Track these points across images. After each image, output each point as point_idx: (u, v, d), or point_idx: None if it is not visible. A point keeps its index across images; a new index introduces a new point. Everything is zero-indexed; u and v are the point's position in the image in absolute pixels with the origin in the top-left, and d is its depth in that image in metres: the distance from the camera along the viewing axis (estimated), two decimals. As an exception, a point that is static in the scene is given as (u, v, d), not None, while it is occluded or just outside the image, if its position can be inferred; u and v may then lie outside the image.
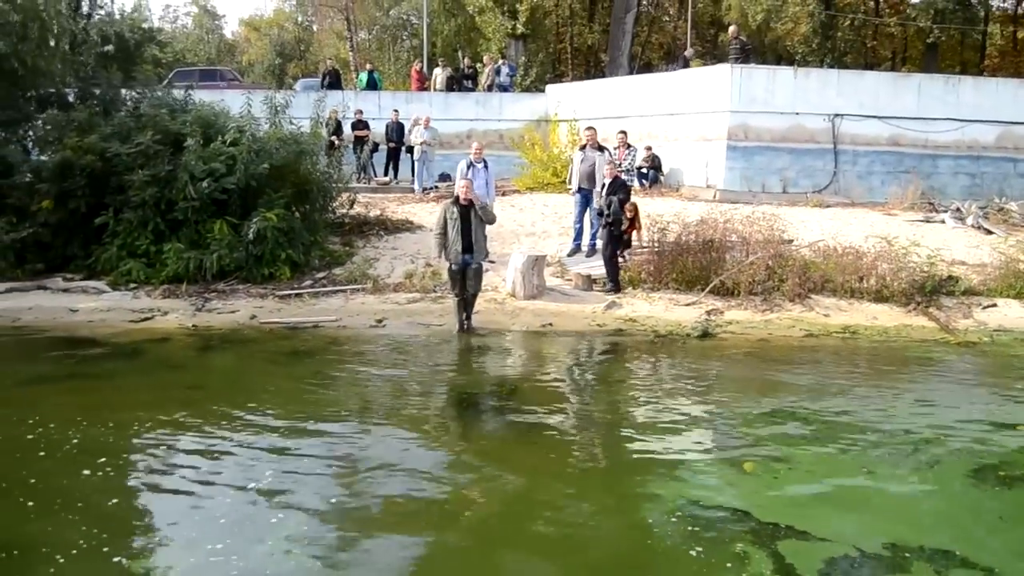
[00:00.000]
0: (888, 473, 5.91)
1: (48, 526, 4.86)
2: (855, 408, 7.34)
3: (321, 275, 11.81)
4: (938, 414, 7.29)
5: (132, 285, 11.39)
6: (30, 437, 6.32)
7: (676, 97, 17.80)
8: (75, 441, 6.26)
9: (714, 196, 15.90)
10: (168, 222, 11.66)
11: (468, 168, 11.78)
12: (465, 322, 9.79)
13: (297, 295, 11.06)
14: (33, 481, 5.47)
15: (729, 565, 4.45)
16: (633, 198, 11.80)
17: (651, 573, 4.54)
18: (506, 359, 9.30)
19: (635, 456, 6.34)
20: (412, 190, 17.81)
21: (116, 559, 4.48)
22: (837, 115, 16.65)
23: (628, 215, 11.06)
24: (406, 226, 14.04)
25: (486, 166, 12.30)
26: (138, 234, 11.65)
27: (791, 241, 12.20)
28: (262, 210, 11.62)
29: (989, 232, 14.31)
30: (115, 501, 5.24)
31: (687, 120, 17.30)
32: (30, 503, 5.14)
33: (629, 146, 15.55)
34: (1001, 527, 5.10)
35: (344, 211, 13.90)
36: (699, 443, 6.49)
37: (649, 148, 17.38)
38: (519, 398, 7.61)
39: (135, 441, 6.27)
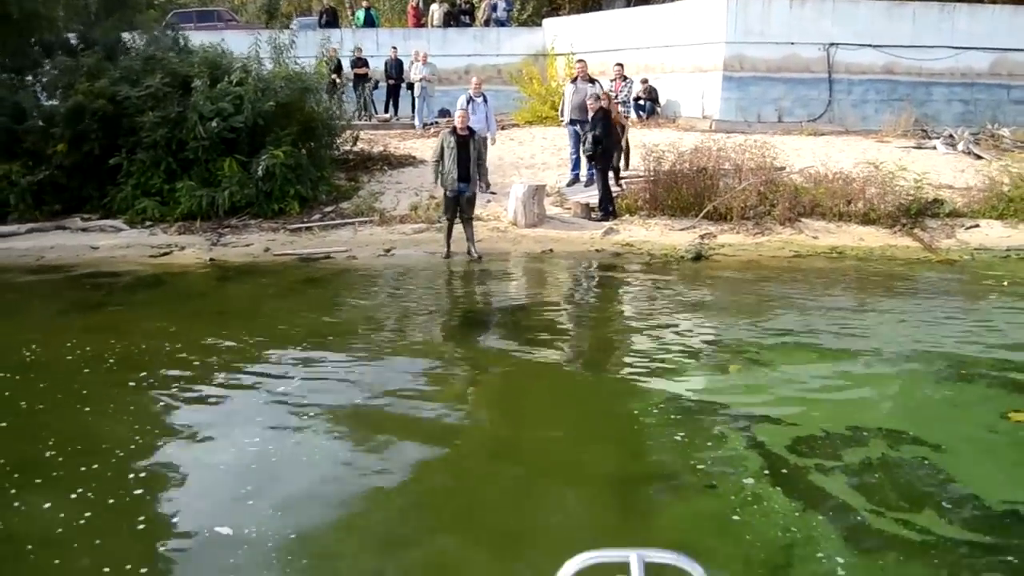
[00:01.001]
0: (860, 374, 6.54)
1: (105, 426, 5.52)
2: (836, 319, 7.96)
3: (329, 209, 12.37)
4: (912, 324, 7.90)
5: (148, 223, 11.97)
6: (69, 358, 6.95)
7: (672, 29, 18.08)
8: (112, 360, 6.89)
9: (710, 126, 16.33)
10: (180, 161, 12.18)
11: (468, 103, 12.25)
12: (467, 248, 10.38)
13: (307, 228, 11.65)
14: (85, 392, 6.12)
15: (708, 444, 5.12)
16: (629, 129, 12.31)
17: (639, 454, 5.19)
18: (510, 280, 9.94)
19: (628, 361, 7.01)
20: (413, 126, 18.22)
21: (168, 451, 5.13)
22: (832, 44, 16.97)
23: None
24: (409, 161, 14.54)
25: (485, 100, 12.75)
26: (151, 174, 12.18)
27: (783, 168, 12.71)
28: (270, 147, 12.13)
29: (979, 157, 14.76)
30: (161, 405, 5.89)
31: (683, 52, 17.63)
32: (86, 408, 5.80)
33: (625, 78, 15.94)
34: (953, 415, 5.75)
35: (348, 148, 14.39)
36: (688, 350, 7.12)
37: (645, 80, 17.74)
38: (522, 313, 8.27)
39: (170, 357, 6.90)
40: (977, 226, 11.51)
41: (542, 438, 5.35)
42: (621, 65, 15.86)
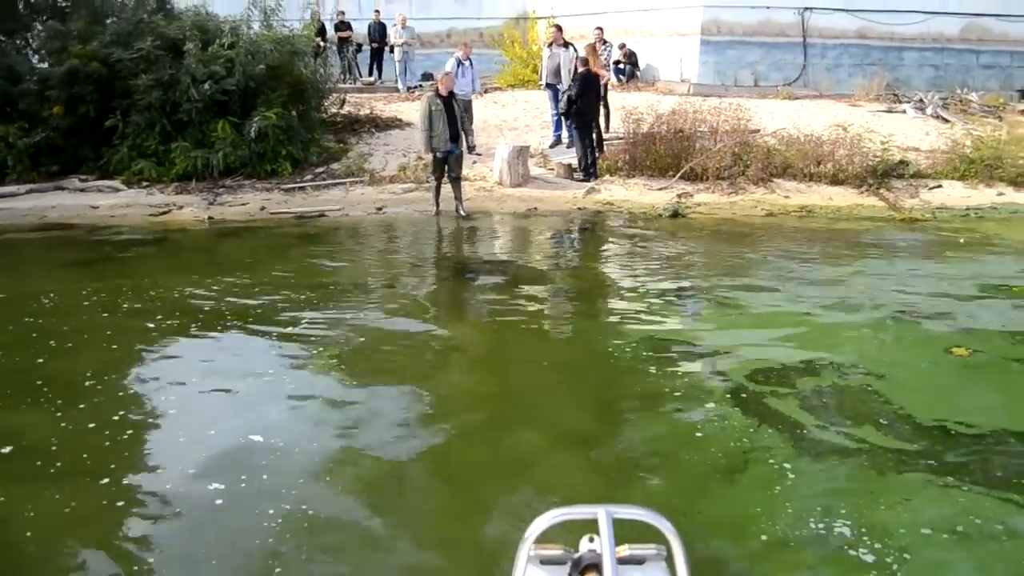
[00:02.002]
0: (819, 318, 7.22)
1: (133, 359, 6.11)
2: (802, 271, 8.65)
3: (320, 170, 12.91)
4: (871, 275, 8.59)
5: (145, 183, 12.45)
6: (86, 304, 7.51)
7: (652, -7, 18.61)
8: (126, 306, 7.44)
9: (688, 90, 16.93)
10: (174, 123, 12.64)
11: (458, 66, 12.75)
12: (455, 206, 10.98)
13: (300, 188, 12.19)
14: (109, 333, 6.69)
15: (677, 375, 5.80)
16: (610, 92, 12.89)
17: (615, 382, 5.86)
18: (496, 236, 10.58)
19: (606, 306, 7.70)
20: (397, 90, 18.66)
21: (193, 383, 5.73)
22: (807, 8, 17.58)
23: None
24: (395, 123, 15.05)
25: (471, 64, 13.27)
26: (146, 135, 12.65)
27: (758, 131, 13.36)
28: (261, 110, 12.62)
29: (946, 121, 15.47)
30: (181, 342, 6.49)
31: (662, 16, 18.17)
32: (113, 346, 6.39)
33: (605, 42, 16.46)
34: (900, 351, 6.43)
35: (336, 110, 14.88)
36: (663, 297, 7.77)
37: (623, 45, 18.27)
38: (507, 266, 8.91)
39: (179, 304, 7.46)
40: (940, 187, 12.23)
41: (525, 370, 6.00)
42: (601, 29, 16.36)
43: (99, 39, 12.81)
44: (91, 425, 4.99)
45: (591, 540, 1.02)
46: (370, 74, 19.90)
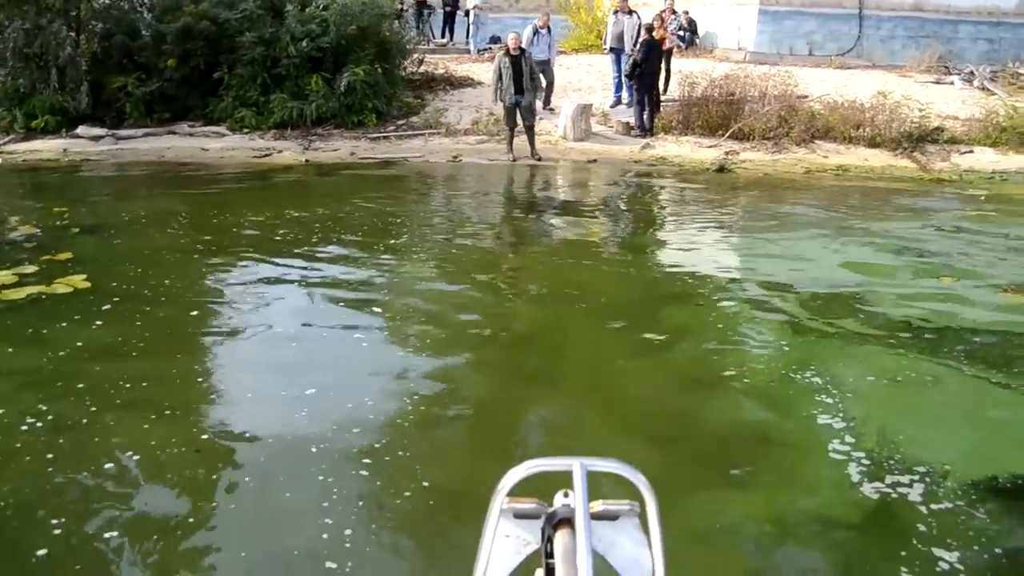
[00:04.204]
0: (836, 250, 8.75)
1: (264, 259, 7.93)
2: (831, 216, 10.16)
3: (401, 122, 14.67)
4: (887, 218, 10.07)
5: (245, 130, 14.35)
6: (215, 222, 9.37)
7: (714, -37, 19.90)
8: (246, 223, 9.30)
9: (744, 58, 18.24)
10: (273, 77, 14.49)
11: (534, 34, 14.37)
12: (530, 151, 12.68)
13: (384, 138, 13.98)
14: (244, 242, 8.53)
15: (705, 284, 7.42)
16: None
17: (655, 288, 7.51)
18: (559, 181, 12.30)
19: (653, 238, 9.32)
20: (467, 51, 20.30)
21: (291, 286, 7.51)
22: (864, -19, 18.72)
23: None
24: (467, 82, 16.71)
25: (549, 31, 14.87)
26: (248, 87, 14.51)
27: (805, 96, 14.73)
28: (351, 66, 14.40)
29: (993, 93, 16.61)
30: (303, 249, 8.28)
31: (723, -15, 19.48)
32: (250, 250, 8.21)
33: (675, 12, 17.93)
34: (895, 276, 7.93)
35: (414, 69, 16.60)
36: (703, 233, 9.37)
37: (686, 12, 19.62)
38: (569, 204, 10.62)
39: (297, 221, 9.27)
40: (971, 152, 13.53)
41: (580, 285, 7.67)
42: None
43: (209, 0, 14.67)
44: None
45: (565, 495, 0.99)
46: (443, 36, 21.56)
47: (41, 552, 3.50)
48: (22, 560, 3.47)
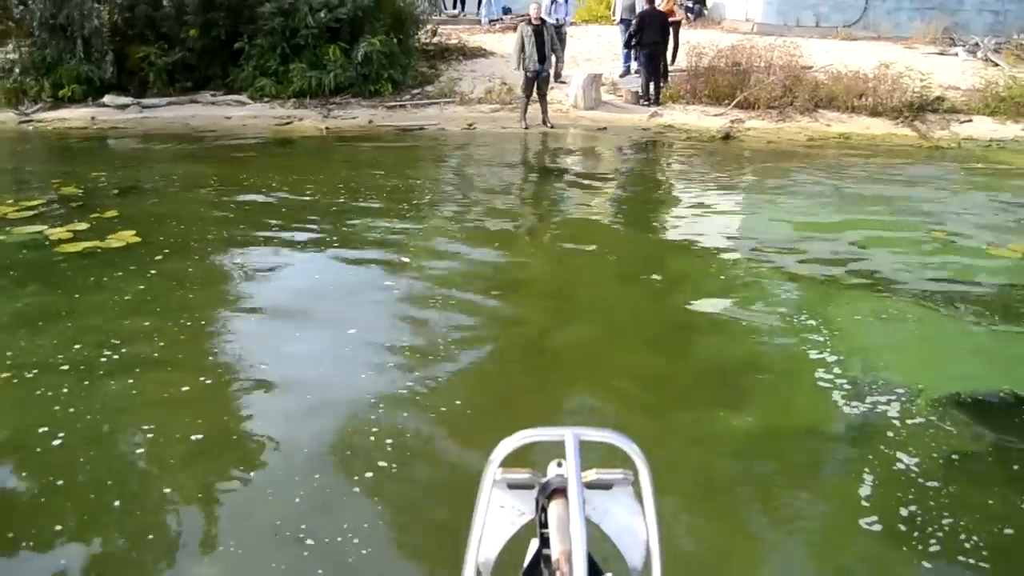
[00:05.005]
0: (834, 209, 9.35)
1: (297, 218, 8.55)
2: (829, 180, 10.74)
3: (416, 91, 15.24)
4: (884, 182, 10.65)
5: (266, 99, 14.92)
6: (245, 184, 9.97)
7: (723, -65, 20.32)
8: (274, 186, 9.90)
9: (752, 29, 18.71)
10: (292, 47, 15.04)
11: (552, 2, 14.90)
12: (542, 119, 13.29)
13: (401, 106, 14.56)
14: (273, 204, 9.15)
15: (716, 246, 8.04)
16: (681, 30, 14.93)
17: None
18: (571, 147, 12.89)
19: (662, 199, 9.93)
20: (479, 22, 20.80)
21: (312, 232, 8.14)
22: (870, -47, 19.13)
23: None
24: (480, 53, 17.25)
25: (566, 0, 15.42)
26: (268, 57, 15.07)
27: (810, 67, 15.24)
28: (367, 36, 14.94)
29: (996, 64, 17.08)
30: (333, 207, 8.91)
31: (732, -43, 19.91)
32: (283, 209, 8.84)
33: (684, -17, 18.46)
34: (888, 233, 8.54)
35: (428, 39, 17.13)
36: (707, 195, 9.96)
37: (695, -17, 20.11)
38: (580, 169, 11.20)
39: (325, 181, 9.88)
40: (970, 121, 14.06)
41: (591, 239, 8.29)
42: (678, -30, 18.28)
43: (229, -30, 15.22)
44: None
45: (559, 465, 0.97)
46: (454, 7, 22.06)
47: (140, 451, 4.16)
48: (120, 456, 4.14)
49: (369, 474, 3.94)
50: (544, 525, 0.97)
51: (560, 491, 0.97)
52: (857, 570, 3.57)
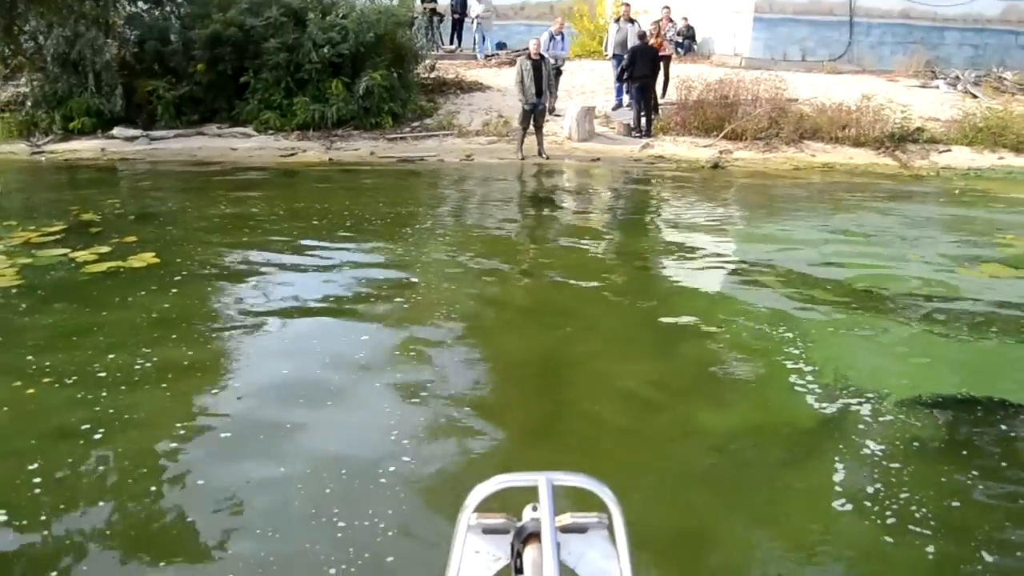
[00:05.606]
0: (808, 234, 9.87)
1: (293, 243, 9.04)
2: (815, 206, 11.29)
3: (416, 124, 15.82)
4: (865, 209, 11.18)
5: (270, 131, 15.49)
6: (254, 211, 10.49)
7: (711, -27, 21.10)
8: (281, 213, 10.42)
9: (740, 63, 19.41)
10: (296, 81, 15.64)
11: (550, 39, 15.55)
12: (538, 151, 13.84)
13: (401, 138, 15.12)
14: (284, 227, 9.65)
15: (704, 259, 8.54)
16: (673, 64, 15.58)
17: (643, 276, 8.63)
18: (566, 177, 13.43)
19: (654, 223, 10.45)
20: (475, 57, 21.47)
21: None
22: (854, -11, 19.89)
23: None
24: (477, 86, 17.87)
25: (563, 37, 16.09)
26: (273, 90, 15.66)
27: (796, 99, 15.88)
28: (369, 71, 15.55)
29: (975, 97, 17.75)
30: (339, 233, 9.41)
31: (720, -6, 20.67)
32: (285, 236, 9.33)
33: (672, 21, 19.12)
34: (862, 252, 9.05)
35: (427, 74, 17.75)
36: (696, 220, 10.49)
37: (685, 19, 20.80)
38: (575, 197, 11.74)
39: (330, 210, 10.39)
40: (949, 150, 14.67)
41: (583, 263, 8.80)
42: (668, 8, 18.99)
43: (236, 8, 15.82)
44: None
45: (534, 508, 0.98)
46: (451, 42, 22.72)
47: (174, 445, 4.61)
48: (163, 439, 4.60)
49: (393, 467, 4.41)
50: (520, 570, 0.98)
51: (535, 535, 0.97)
52: (828, 544, 4.02)
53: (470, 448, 4.70)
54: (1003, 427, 5.03)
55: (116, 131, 15.27)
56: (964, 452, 4.66)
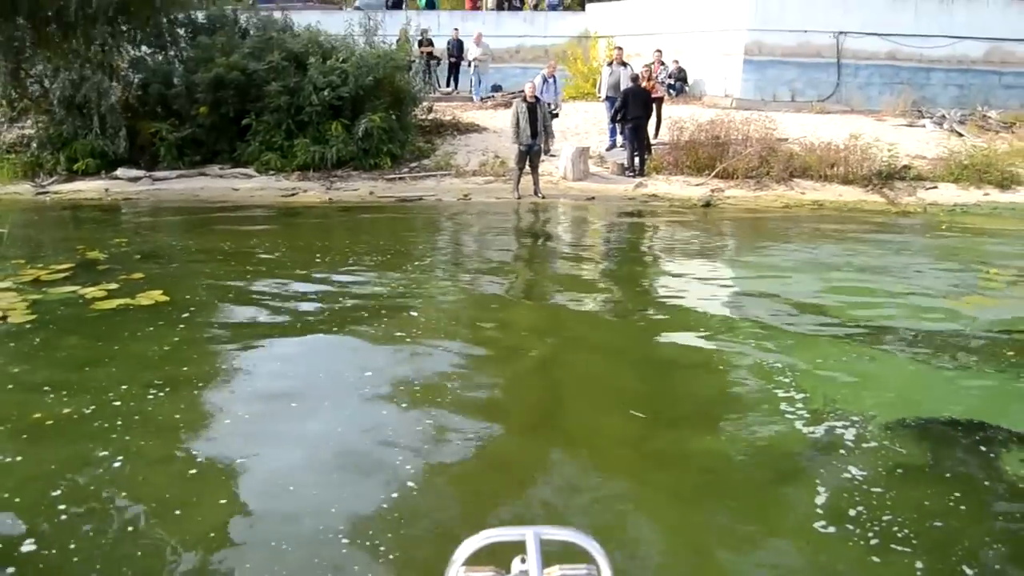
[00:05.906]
0: (797, 269, 10.14)
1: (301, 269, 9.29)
2: (801, 242, 11.58)
3: (414, 164, 16.15)
4: (854, 244, 11.48)
5: (271, 172, 15.79)
6: (257, 249, 10.75)
7: (701, 16, 21.59)
8: (284, 251, 10.66)
9: (731, 104, 19.82)
10: (297, 123, 15.97)
11: (543, 82, 15.97)
12: (533, 190, 14.17)
13: (400, 179, 15.44)
14: (287, 264, 9.90)
15: (701, 291, 8.80)
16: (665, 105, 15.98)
17: (637, 308, 8.88)
18: (562, 216, 13.73)
19: (641, 261, 10.74)
20: (471, 99, 21.91)
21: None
22: (841, 32, 20.36)
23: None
24: (474, 128, 18.24)
25: (555, 80, 16.51)
26: (274, 132, 15.99)
27: (786, 139, 16.26)
28: (368, 113, 15.90)
29: (960, 135, 18.17)
30: (342, 269, 9.66)
31: (711, 37, 21.13)
32: (291, 269, 9.57)
33: (663, 63, 19.58)
34: (850, 283, 9.32)
35: (424, 116, 18.15)
36: (688, 256, 10.77)
37: (676, 61, 21.26)
38: (571, 235, 12.03)
39: (334, 246, 10.65)
40: (935, 187, 15.01)
41: (581, 295, 9.06)
42: (660, 51, 19.46)
43: (239, 52, 16.22)
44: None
45: (522, 561, 1.00)
46: (447, 85, 23.19)
47: (192, 471, 4.82)
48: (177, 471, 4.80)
49: (408, 466, 4.62)
50: None
51: None
52: (809, 567, 4.22)
53: (473, 451, 4.91)
54: (983, 448, 5.26)
55: (120, 172, 15.56)
56: (947, 475, 4.89)
